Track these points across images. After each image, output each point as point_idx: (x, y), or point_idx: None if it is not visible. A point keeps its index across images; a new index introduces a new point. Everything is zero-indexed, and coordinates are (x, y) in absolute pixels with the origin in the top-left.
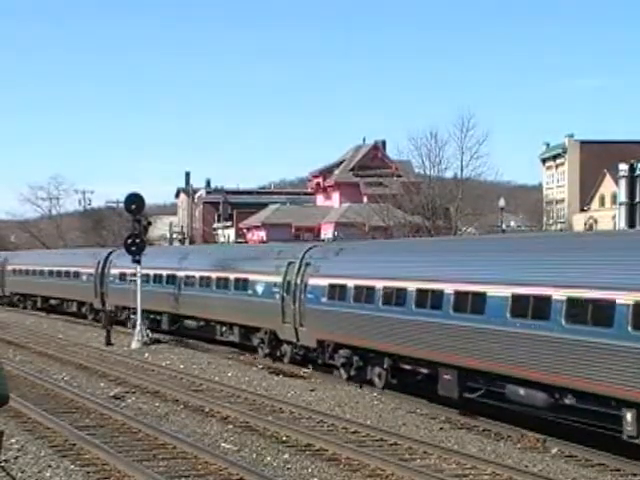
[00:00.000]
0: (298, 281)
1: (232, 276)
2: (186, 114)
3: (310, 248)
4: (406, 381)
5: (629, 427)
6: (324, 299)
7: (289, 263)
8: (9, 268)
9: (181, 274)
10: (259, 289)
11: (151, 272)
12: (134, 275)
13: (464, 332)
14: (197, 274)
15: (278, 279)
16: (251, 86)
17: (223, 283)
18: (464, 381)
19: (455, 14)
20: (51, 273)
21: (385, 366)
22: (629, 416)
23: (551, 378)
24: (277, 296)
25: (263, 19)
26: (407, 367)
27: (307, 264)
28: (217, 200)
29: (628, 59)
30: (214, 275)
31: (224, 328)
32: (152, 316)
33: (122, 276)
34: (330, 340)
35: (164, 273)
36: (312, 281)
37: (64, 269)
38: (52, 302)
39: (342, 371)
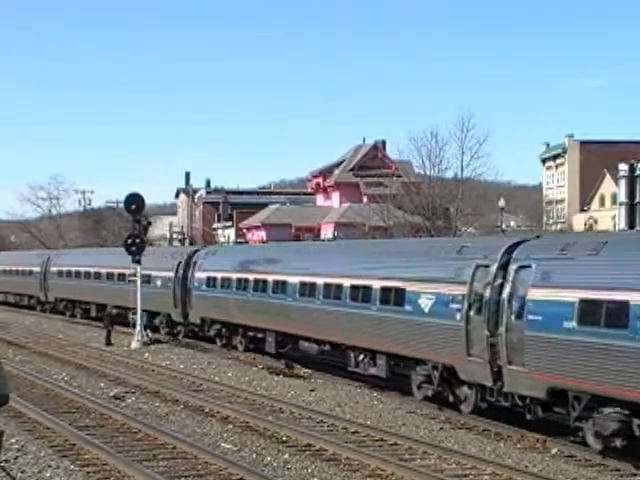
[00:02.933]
0: (504, 294)
1: (377, 284)
2: (186, 114)
3: (519, 243)
4: None
5: None
6: (570, 324)
7: (477, 266)
8: (53, 269)
9: (294, 280)
10: (425, 304)
11: (250, 276)
12: (237, 281)
13: None
14: (320, 281)
15: (459, 290)
16: (251, 86)
17: (362, 294)
18: None
19: (455, 14)
20: (110, 276)
21: None
22: None
23: None
24: (458, 315)
25: (263, 19)
26: None
27: (521, 267)
28: (217, 200)
29: (628, 59)
30: (347, 283)
31: (362, 356)
32: (252, 333)
33: (212, 281)
34: (584, 390)
35: (270, 279)
36: (535, 294)
37: (129, 272)
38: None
39: (590, 437)
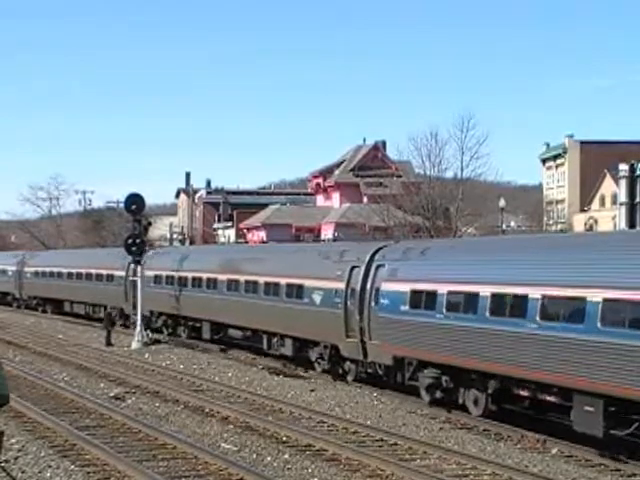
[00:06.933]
0: None
1: None
2: (186, 114)
3: None
4: None
5: None
6: None
7: None
8: (149, 273)
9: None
10: None
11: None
12: (494, 300)
13: None
14: None
15: None
16: (251, 86)
17: None
18: None
19: (455, 14)
20: (250, 287)
21: None
22: None
23: None
24: None
25: (263, 19)
26: None
27: None
28: (217, 200)
29: (628, 59)
30: None
31: None
32: (525, 393)
33: (423, 299)
34: None
35: (605, 296)
36: None
37: (273, 280)
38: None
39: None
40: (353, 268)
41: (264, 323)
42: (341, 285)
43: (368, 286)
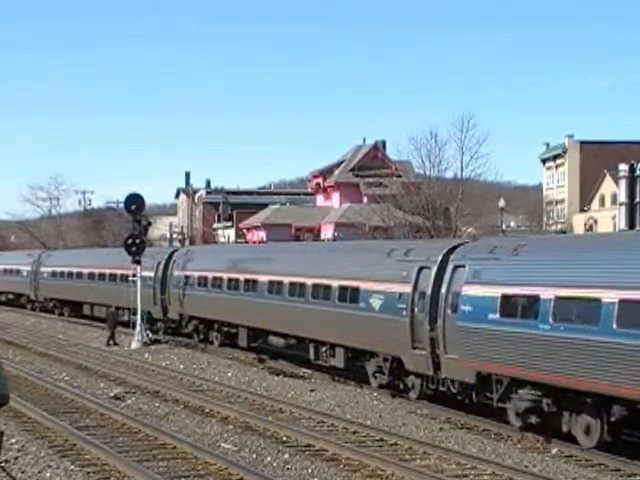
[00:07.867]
0: None
1: None
2: (186, 114)
3: None
4: None
5: None
6: None
7: None
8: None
9: None
10: None
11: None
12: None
13: None
14: None
15: None
16: (251, 86)
17: None
18: None
19: (456, 14)
20: (295, 289)
21: None
22: None
23: None
24: None
25: (263, 19)
26: None
27: None
28: (217, 200)
29: (628, 59)
30: None
31: None
32: (625, 411)
33: (523, 305)
34: None
35: None
36: None
37: (323, 282)
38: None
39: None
40: (421, 269)
41: (311, 330)
42: (407, 288)
43: (443, 290)
